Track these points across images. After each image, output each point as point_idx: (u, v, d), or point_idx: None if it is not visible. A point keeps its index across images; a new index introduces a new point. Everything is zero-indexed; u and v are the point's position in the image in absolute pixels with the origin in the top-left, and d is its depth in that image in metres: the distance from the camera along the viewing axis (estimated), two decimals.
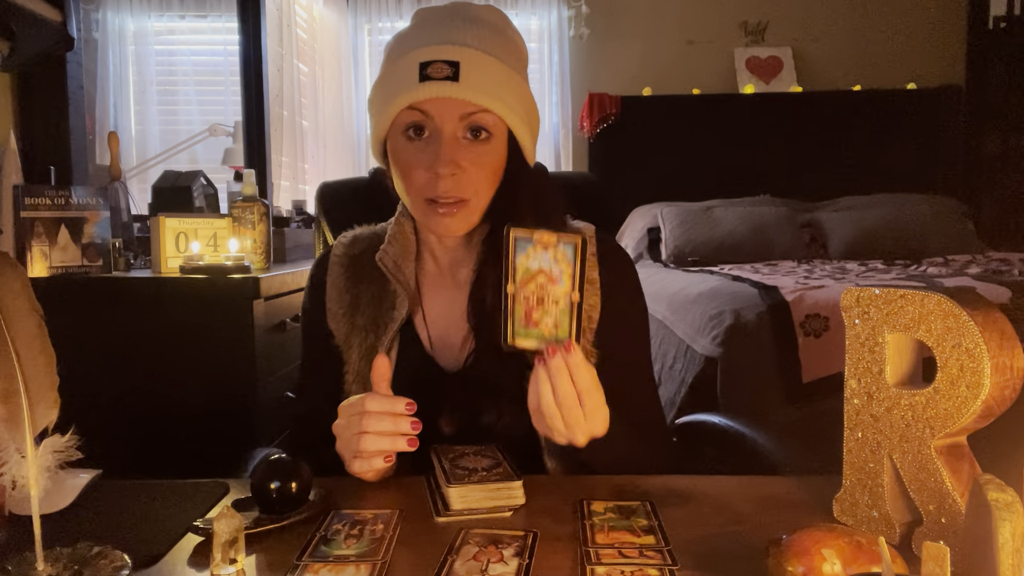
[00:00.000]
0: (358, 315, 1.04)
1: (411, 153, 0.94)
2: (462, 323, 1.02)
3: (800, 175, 4.06)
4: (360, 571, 0.66)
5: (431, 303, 1.05)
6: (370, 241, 1.08)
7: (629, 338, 1.05)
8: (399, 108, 0.93)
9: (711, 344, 2.33)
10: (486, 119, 0.93)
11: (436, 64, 0.91)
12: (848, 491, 0.75)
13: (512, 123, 0.95)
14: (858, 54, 4.20)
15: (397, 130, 0.95)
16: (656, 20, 4.23)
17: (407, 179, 0.95)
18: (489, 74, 0.93)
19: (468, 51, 0.92)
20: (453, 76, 0.90)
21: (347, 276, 1.06)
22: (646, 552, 0.68)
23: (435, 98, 0.91)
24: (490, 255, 0.99)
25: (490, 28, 0.97)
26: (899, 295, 0.69)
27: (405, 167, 0.95)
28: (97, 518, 0.79)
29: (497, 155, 0.96)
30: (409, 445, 0.83)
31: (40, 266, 1.83)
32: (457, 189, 0.93)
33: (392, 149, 0.97)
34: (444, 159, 0.91)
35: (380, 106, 0.96)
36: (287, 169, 3.40)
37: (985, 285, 2.28)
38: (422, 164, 0.93)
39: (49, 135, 2.40)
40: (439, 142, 0.92)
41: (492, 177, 0.96)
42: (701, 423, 1.31)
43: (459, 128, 0.93)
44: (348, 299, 1.05)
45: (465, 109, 0.92)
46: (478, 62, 0.92)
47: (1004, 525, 0.48)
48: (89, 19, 3.45)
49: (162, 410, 1.77)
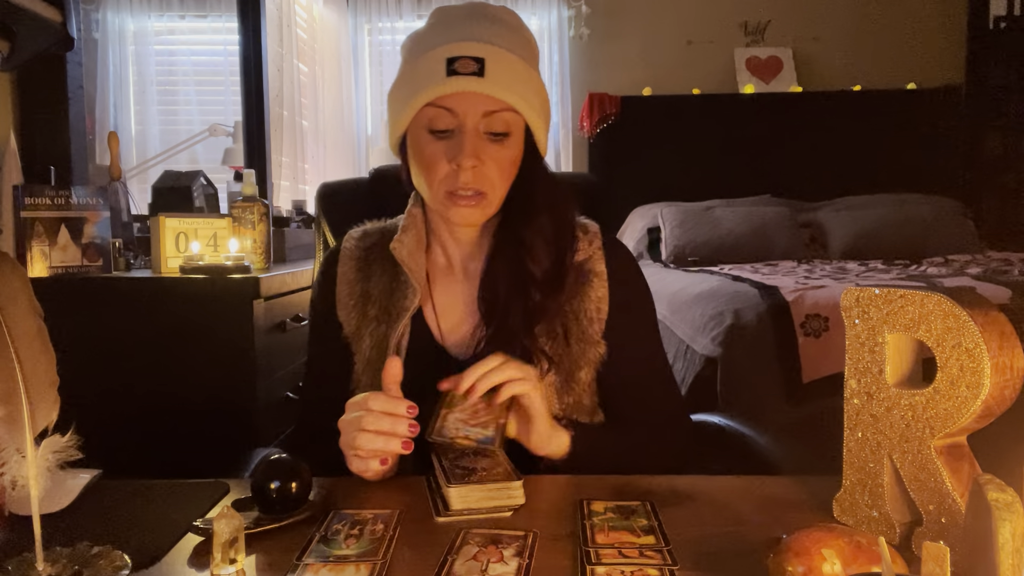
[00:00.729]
0: (369, 306, 1.06)
1: (434, 147, 0.96)
2: (471, 314, 1.04)
3: (800, 175, 4.06)
4: (360, 571, 0.66)
5: (440, 294, 1.07)
6: (380, 235, 1.10)
7: (639, 328, 1.08)
8: (424, 102, 0.95)
9: (711, 344, 2.33)
10: (506, 117, 0.96)
11: (463, 60, 0.93)
12: (848, 491, 0.75)
13: (531, 120, 0.98)
14: (858, 54, 4.20)
15: (419, 124, 0.97)
16: (656, 20, 4.23)
17: (429, 172, 0.97)
18: (513, 72, 0.96)
19: (492, 48, 0.95)
20: (479, 72, 0.93)
21: (358, 268, 1.08)
22: (646, 552, 0.68)
23: (460, 93, 0.93)
24: (501, 248, 1.02)
25: (509, 27, 0.99)
26: (899, 295, 0.69)
27: (428, 160, 0.97)
28: (97, 518, 0.79)
29: (515, 151, 0.99)
30: (404, 448, 0.84)
31: (40, 266, 1.83)
32: (477, 182, 0.95)
33: (413, 142, 0.99)
34: (468, 152, 0.94)
35: (404, 100, 0.97)
36: (287, 169, 3.40)
37: (985, 285, 2.28)
38: (445, 157, 0.95)
39: (49, 135, 2.40)
40: (462, 136, 0.94)
41: (509, 171, 0.99)
42: (701, 423, 1.31)
43: (481, 123, 0.95)
44: (359, 290, 1.07)
45: (489, 106, 0.94)
46: (502, 59, 0.95)
47: (1004, 525, 0.48)
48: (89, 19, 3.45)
49: (162, 410, 1.77)
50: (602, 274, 1.04)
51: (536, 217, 1.01)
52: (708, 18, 4.23)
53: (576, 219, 1.07)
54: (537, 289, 1.00)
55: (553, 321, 1.01)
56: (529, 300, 0.99)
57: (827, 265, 3.30)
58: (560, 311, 1.01)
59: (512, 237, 1.02)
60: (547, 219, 1.01)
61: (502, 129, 0.96)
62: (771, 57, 4.20)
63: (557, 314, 1.01)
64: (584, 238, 1.06)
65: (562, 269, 1.02)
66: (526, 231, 1.01)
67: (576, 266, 1.04)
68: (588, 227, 1.08)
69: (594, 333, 1.02)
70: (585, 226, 1.08)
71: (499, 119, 0.95)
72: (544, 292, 1.00)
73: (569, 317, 1.02)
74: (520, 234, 1.01)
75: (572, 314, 1.02)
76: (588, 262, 1.05)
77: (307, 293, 1.62)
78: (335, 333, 1.07)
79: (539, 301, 0.99)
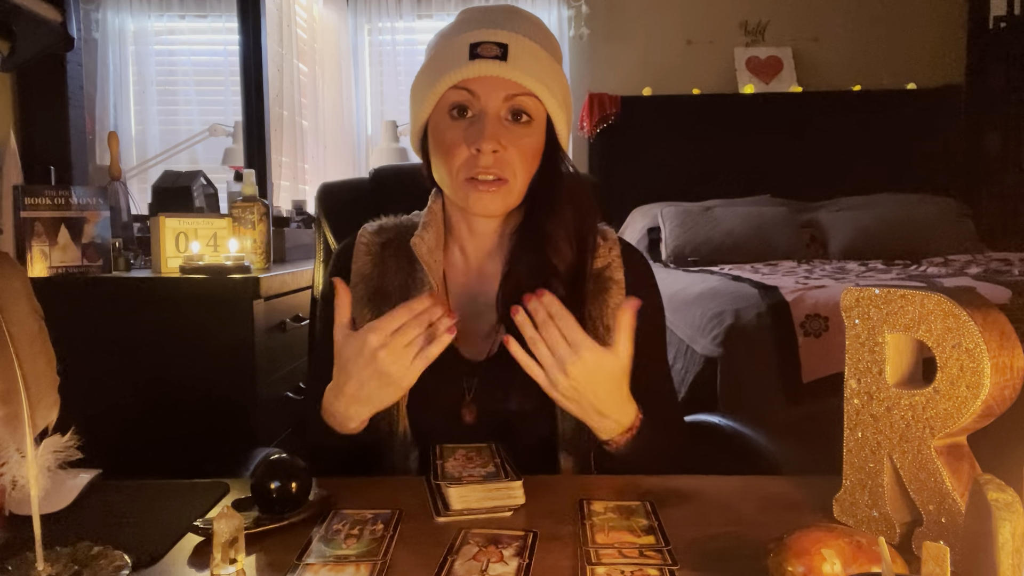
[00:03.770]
0: (384, 302, 1.05)
1: (455, 131, 0.96)
2: (486, 314, 1.04)
3: (800, 175, 4.06)
4: (360, 571, 0.66)
5: (456, 294, 1.07)
6: (396, 231, 1.09)
7: (651, 336, 1.07)
8: (447, 85, 0.95)
9: (711, 344, 2.33)
10: (528, 103, 0.96)
11: (486, 44, 0.95)
12: (848, 491, 0.75)
13: (552, 109, 0.99)
14: (858, 54, 4.20)
15: (441, 110, 0.98)
16: (656, 20, 4.23)
17: (449, 156, 0.97)
18: (535, 59, 0.96)
19: (516, 36, 0.96)
20: (502, 56, 0.94)
21: (374, 264, 1.07)
22: (646, 552, 0.68)
23: (483, 76, 0.94)
24: (522, 245, 1.02)
25: (533, 24, 1.01)
26: (899, 295, 0.69)
27: (448, 144, 0.97)
28: (97, 518, 0.79)
29: (536, 139, 0.99)
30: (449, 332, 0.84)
31: (40, 266, 1.83)
32: (498, 167, 0.95)
33: (434, 129, 0.99)
34: (488, 135, 0.94)
35: (427, 86, 0.98)
36: (287, 169, 3.40)
37: (985, 285, 2.28)
38: (465, 141, 0.96)
39: (49, 135, 2.40)
40: (483, 120, 0.95)
41: (531, 159, 0.99)
42: (701, 423, 1.31)
43: (503, 108, 0.96)
44: (375, 286, 1.06)
45: (511, 90, 0.95)
46: (525, 47, 0.96)
47: (1004, 525, 0.48)
48: (89, 19, 3.45)
49: (162, 410, 1.77)
50: (620, 282, 1.04)
51: (559, 209, 1.01)
52: (708, 18, 4.23)
53: (598, 222, 1.07)
54: (560, 283, 0.99)
55: None
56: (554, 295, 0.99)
57: (827, 265, 3.30)
58: (581, 318, 1.01)
59: (534, 230, 1.01)
60: (570, 212, 1.01)
61: (524, 113, 0.96)
62: (771, 57, 4.20)
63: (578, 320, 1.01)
64: (604, 244, 1.06)
65: (584, 268, 1.02)
66: (548, 223, 1.00)
67: (596, 273, 1.04)
68: (607, 234, 1.08)
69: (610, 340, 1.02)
70: (604, 232, 1.08)
71: (520, 103, 0.96)
72: (567, 288, 0.99)
73: (587, 324, 1.01)
74: (543, 226, 1.00)
75: (590, 321, 1.01)
76: (607, 269, 1.05)
77: (307, 294, 1.62)
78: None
79: (563, 297, 0.99)
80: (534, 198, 1.01)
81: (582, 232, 1.02)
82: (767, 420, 2.02)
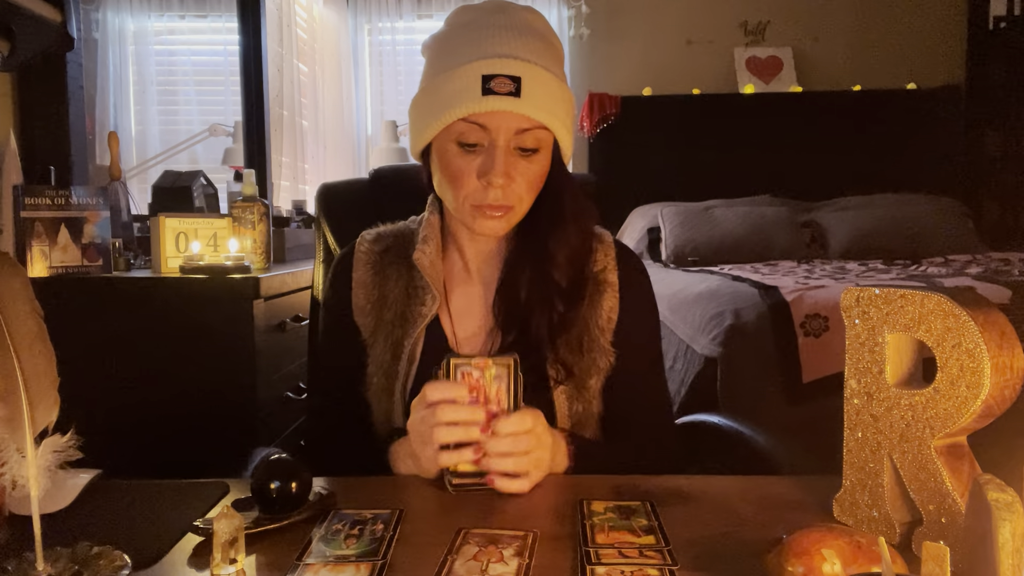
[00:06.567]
0: (385, 310, 1.06)
1: (463, 161, 0.96)
2: (485, 319, 1.05)
3: (800, 175, 4.05)
4: (360, 571, 0.66)
5: (455, 299, 1.07)
6: (395, 239, 1.10)
7: (644, 339, 1.08)
8: (457, 117, 0.94)
9: (711, 344, 2.33)
10: (538, 135, 0.96)
11: (499, 79, 0.92)
12: (848, 491, 0.75)
13: (560, 135, 0.98)
14: (858, 54, 4.20)
15: (449, 137, 0.96)
16: (656, 20, 4.23)
17: (456, 185, 0.97)
18: (548, 91, 0.95)
19: (529, 67, 0.94)
20: (515, 92, 0.92)
21: (374, 272, 1.08)
22: (646, 552, 0.68)
23: (495, 112, 0.93)
24: (521, 254, 1.03)
25: (541, 39, 0.98)
26: (899, 295, 0.69)
27: (456, 173, 0.96)
28: (97, 518, 0.79)
29: (543, 165, 0.99)
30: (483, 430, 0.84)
31: (40, 266, 1.83)
32: (505, 198, 0.96)
33: (440, 153, 0.99)
34: (499, 171, 0.93)
35: (434, 113, 0.96)
36: (287, 169, 3.40)
37: (985, 285, 2.28)
38: (474, 173, 0.95)
39: (49, 135, 2.40)
40: (494, 154, 0.94)
41: (537, 185, 0.99)
42: (701, 423, 1.31)
43: (512, 140, 0.95)
44: (376, 295, 1.07)
45: (522, 124, 0.94)
46: (538, 78, 0.94)
47: (1004, 525, 0.48)
48: (89, 19, 3.45)
49: (162, 410, 1.77)
50: (614, 284, 1.05)
51: (562, 227, 1.01)
52: (708, 18, 4.23)
53: (594, 229, 1.08)
54: (561, 300, 1.00)
55: (571, 331, 1.01)
56: (553, 311, 0.99)
57: (827, 265, 3.30)
58: (575, 326, 1.02)
59: (536, 245, 1.01)
60: (573, 229, 1.02)
61: (533, 146, 0.95)
62: (771, 57, 4.20)
63: (576, 324, 1.02)
64: (600, 248, 1.07)
65: (583, 284, 1.03)
66: (551, 240, 1.00)
67: (592, 276, 1.04)
68: (603, 237, 1.09)
69: (605, 342, 1.03)
70: (600, 236, 1.09)
71: (531, 136, 0.95)
72: (567, 303, 1.00)
73: (583, 327, 1.02)
74: (546, 243, 1.01)
75: (585, 323, 1.02)
76: (602, 272, 1.05)
77: (307, 294, 1.62)
78: (353, 336, 1.07)
79: (563, 313, 1.00)
80: (538, 213, 1.01)
81: (583, 252, 1.03)
82: (767, 420, 2.02)
